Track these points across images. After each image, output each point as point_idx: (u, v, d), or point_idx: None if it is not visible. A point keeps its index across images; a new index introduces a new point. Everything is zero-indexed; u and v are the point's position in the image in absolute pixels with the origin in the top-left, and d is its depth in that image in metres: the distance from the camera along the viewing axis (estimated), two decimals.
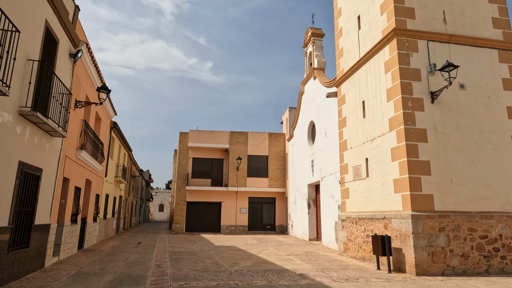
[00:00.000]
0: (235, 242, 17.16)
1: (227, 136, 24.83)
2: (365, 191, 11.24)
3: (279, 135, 25.47)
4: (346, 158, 12.73)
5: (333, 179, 14.62)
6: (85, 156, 11.68)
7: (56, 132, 8.32)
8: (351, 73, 12.66)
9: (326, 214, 15.34)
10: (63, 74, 9.16)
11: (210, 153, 25.20)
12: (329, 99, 15.47)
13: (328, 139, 15.43)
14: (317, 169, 16.83)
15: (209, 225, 24.20)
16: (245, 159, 24.56)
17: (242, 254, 12.20)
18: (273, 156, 25.04)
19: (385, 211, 9.90)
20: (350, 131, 12.53)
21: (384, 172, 10.12)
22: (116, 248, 13.93)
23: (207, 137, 24.63)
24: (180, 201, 23.89)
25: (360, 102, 11.95)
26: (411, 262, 8.56)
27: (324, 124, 15.97)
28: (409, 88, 9.68)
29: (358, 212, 11.48)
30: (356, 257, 11.27)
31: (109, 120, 16.89)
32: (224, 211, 24.16)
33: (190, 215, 24.09)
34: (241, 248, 14.19)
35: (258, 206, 24.86)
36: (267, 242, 17.03)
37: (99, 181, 15.51)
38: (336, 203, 14.22)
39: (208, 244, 15.78)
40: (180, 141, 24.95)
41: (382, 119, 10.43)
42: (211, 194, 24.25)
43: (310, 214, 18.15)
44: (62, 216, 10.28)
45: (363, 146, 11.51)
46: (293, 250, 13.84)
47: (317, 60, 17.74)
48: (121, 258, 11.09)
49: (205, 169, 24.94)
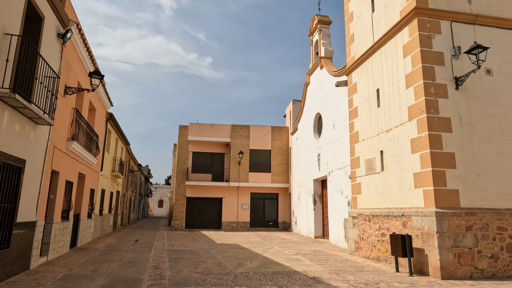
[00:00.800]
0: (238, 239, 16.36)
1: (228, 130, 23.96)
2: (379, 186, 10.40)
3: (282, 128, 24.60)
4: (357, 151, 11.89)
5: (342, 174, 13.79)
6: (77, 147, 10.82)
7: (42, 119, 7.45)
8: (364, 60, 11.77)
9: (334, 210, 14.52)
10: (50, 56, 8.27)
11: (211, 147, 24.34)
12: (338, 89, 14.59)
13: (337, 131, 14.57)
14: (324, 163, 15.99)
15: (209, 221, 23.40)
16: (247, 154, 23.72)
17: (246, 254, 11.39)
18: (276, 150, 24.19)
19: (404, 207, 9.07)
20: (362, 122, 11.67)
21: (403, 165, 9.27)
22: (111, 246, 13.11)
23: (208, 130, 23.76)
24: (179, 197, 23.08)
25: (374, 90, 11.08)
26: (435, 264, 7.74)
27: (332, 116, 15.10)
28: (432, 73, 8.80)
29: (372, 209, 10.66)
30: (370, 257, 10.46)
31: (104, 111, 16.01)
32: (225, 207, 23.36)
33: (190, 211, 23.29)
34: (244, 247, 13.38)
35: (260, 202, 24.06)
36: (271, 240, 16.24)
37: (94, 176, 14.67)
38: (345, 199, 13.39)
39: (209, 242, 14.97)
40: (179, 134, 24.08)
41: (400, 108, 9.56)
42: (211, 190, 23.43)
43: (316, 210, 17.34)
44: (51, 212, 9.44)
45: (378, 137, 10.66)
46: (299, 248, 13.03)
47: (324, 48, 16.83)
48: (116, 257, 10.27)
49: (205, 163, 24.09)
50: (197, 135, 23.51)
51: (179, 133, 24.10)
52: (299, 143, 20.57)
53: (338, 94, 14.50)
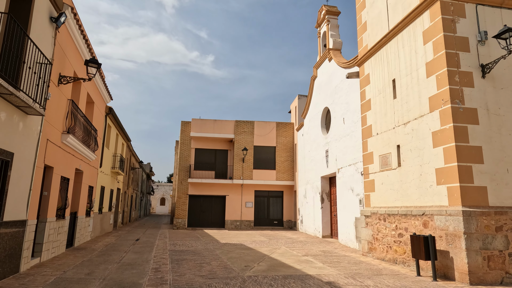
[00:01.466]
0: (242, 239, 15.72)
1: (232, 126, 23.29)
2: (396, 183, 9.72)
3: (287, 124, 23.90)
4: (370, 146, 11.19)
5: (353, 170, 13.10)
6: (74, 141, 10.18)
7: (31, 109, 6.81)
8: (378, 49, 11.06)
9: (343, 209, 13.84)
10: (41, 40, 7.61)
11: (214, 143, 23.67)
12: (348, 82, 13.88)
13: (347, 126, 13.87)
14: (333, 160, 15.30)
15: (212, 220, 22.77)
16: (251, 150, 23.04)
17: (252, 254, 10.74)
18: (281, 147, 23.51)
19: (425, 206, 8.38)
20: (376, 115, 10.97)
21: (423, 160, 8.58)
22: (111, 246, 12.50)
23: (211, 126, 23.09)
24: (182, 195, 22.45)
25: (389, 81, 10.37)
26: (462, 268, 7.06)
27: (342, 110, 14.40)
28: (456, 60, 8.09)
29: (387, 208, 9.97)
30: (385, 259, 9.79)
31: (103, 105, 15.37)
32: (229, 205, 22.71)
33: (193, 209, 22.66)
34: (250, 247, 12.74)
35: (265, 200, 23.40)
36: (277, 239, 15.58)
37: (92, 172, 14.04)
38: (356, 197, 12.71)
39: (213, 242, 14.34)
40: (182, 130, 23.43)
41: (420, 99, 8.86)
42: (214, 187, 22.78)
43: (324, 209, 16.66)
44: (44, 210, 8.81)
45: (394, 131, 9.96)
46: (308, 249, 12.37)
47: (333, 40, 16.11)
48: (115, 258, 9.64)
49: (208, 160, 23.44)
50: (199, 131, 22.86)
51: (182, 129, 23.46)
52: (306, 139, 19.88)
53: (348, 86, 13.79)
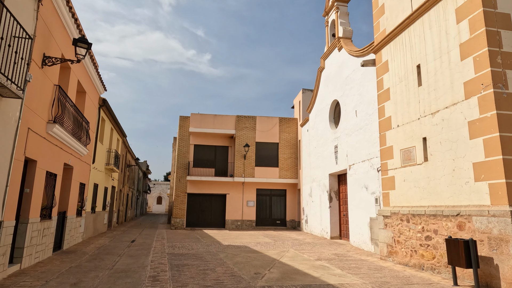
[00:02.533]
0: (245, 240, 14.69)
1: (233, 121, 22.23)
2: (421, 179, 8.72)
3: (291, 120, 22.88)
4: (389, 139, 10.20)
5: (367, 167, 12.10)
6: (61, 132, 9.09)
7: (7, 90, 5.73)
8: (398, 33, 10.06)
9: (356, 208, 12.85)
10: (21, 12, 6.53)
11: (214, 139, 22.61)
12: (361, 72, 12.87)
13: (360, 119, 12.87)
14: (343, 156, 14.30)
15: (212, 219, 21.72)
16: (253, 147, 22.01)
17: (260, 259, 9.72)
18: (284, 143, 22.49)
19: (459, 205, 7.39)
20: (397, 105, 9.98)
21: (457, 153, 7.59)
22: (104, 249, 11.43)
23: (211, 121, 22.02)
24: (180, 193, 21.38)
25: (412, 67, 9.37)
26: (510, 277, 6.08)
27: (354, 102, 13.39)
28: (497, 39, 7.10)
29: (411, 207, 8.98)
30: (409, 264, 8.80)
31: (97, 96, 14.26)
32: (229, 204, 21.68)
33: (192, 208, 21.60)
34: (256, 249, 11.72)
35: (267, 199, 22.38)
36: (283, 241, 14.58)
37: (84, 168, 12.94)
38: (371, 195, 11.72)
39: (215, 243, 13.30)
40: (180, 126, 22.35)
41: (452, 84, 7.86)
42: (214, 185, 21.73)
43: (332, 208, 15.67)
44: (26, 210, 7.72)
45: (418, 122, 8.97)
46: (319, 252, 11.37)
47: (343, 28, 15.09)
48: (107, 264, 8.58)
49: (208, 157, 22.38)
50: (199, 127, 21.79)
51: (180, 124, 22.37)
52: (311, 134, 18.87)
53: (362, 76, 12.79)
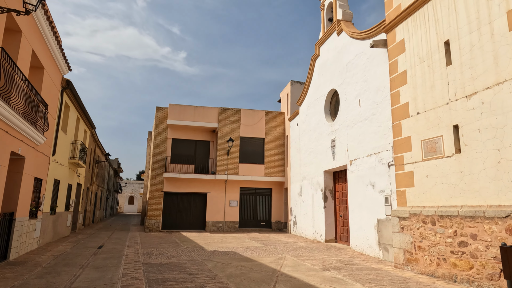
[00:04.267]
0: (232, 244, 12.99)
1: (216, 114, 20.43)
2: (451, 175, 7.40)
3: (278, 114, 21.37)
4: (406, 129, 8.86)
5: (374, 162, 10.74)
6: (5, 111, 7.04)
7: None
8: (418, 7, 8.73)
9: (359, 208, 11.48)
10: None
11: (194, 133, 20.71)
12: (366, 56, 11.52)
13: (364, 108, 11.51)
14: (342, 150, 12.91)
15: (191, 221, 19.80)
16: (237, 142, 20.30)
17: (257, 269, 8.07)
18: (270, 138, 20.94)
19: (508, 205, 6.09)
20: (416, 90, 8.64)
21: (503, 143, 6.29)
22: (63, 258, 9.38)
23: (191, 113, 20.11)
24: (156, 192, 19.32)
25: (439, 44, 8.06)
26: None
27: (357, 90, 12.03)
28: None
29: (437, 207, 7.64)
30: (435, 275, 7.45)
31: (59, 76, 12.08)
32: (211, 204, 19.86)
33: (168, 208, 19.59)
34: (247, 256, 10.06)
35: (251, 199, 20.74)
36: (273, 245, 13.00)
37: (41, 160, 10.78)
38: (380, 194, 10.36)
39: (197, 249, 11.51)
40: (157, 118, 20.28)
41: (496, 60, 6.57)
42: (194, 183, 19.84)
43: (327, 208, 14.26)
44: None
45: (447, 107, 7.65)
46: (320, 259, 9.87)
47: (342, 10, 13.73)
48: (64, 280, 6.65)
49: (187, 152, 20.45)
50: (178, 119, 19.82)
51: (157, 116, 20.30)
52: (302, 129, 17.43)
53: (368, 61, 11.44)
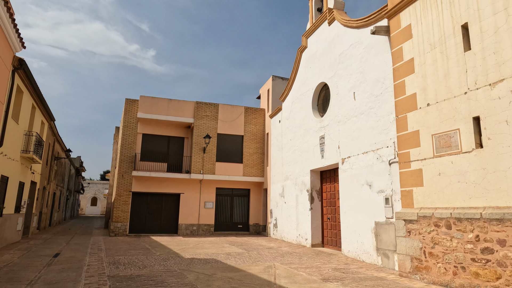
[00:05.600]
0: (210, 250, 11.66)
1: (191, 108, 18.96)
2: (471, 172, 6.60)
3: (258, 110, 20.24)
4: (414, 122, 8.03)
5: (372, 159, 9.87)
6: None
7: None
8: None
9: (352, 210, 10.57)
10: None
11: (168, 128, 19.10)
12: (364, 45, 10.68)
13: (360, 102, 10.64)
14: (332, 148, 11.99)
15: (162, 224, 18.16)
16: (214, 139, 18.94)
17: (248, 281, 6.84)
18: (249, 136, 19.75)
19: None
20: (426, 79, 7.83)
21: None
22: (7, 271, 7.65)
23: (164, 107, 18.51)
24: (123, 192, 17.51)
25: (454, 27, 7.27)
26: None
27: (352, 82, 11.15)
28: None
29: (454, 209, 6.81)
30: (451, 286, 6.59)
31: (9, 54, 10.21)
32: (184, 205, 18.32)
33: (137, 210, 17.84)
34: (231, 264, 8.80)
35: (228, 200, 19.43)
36: (257, 250, 11.82)
37: None
38: (378, 194, 9.48)
39: (172, 256, 10.09)
40: (126, 111, 18.47)
41: None
42: (167, 183, 18.23)
43: (313, 210, 13.29)
44: None
45: (465, 97, 6.86)
46: (314, 266, 8.81)
47: None
48: None
49: (159, 149, 18.80)
50: (150, 112, 18.16)
51: (126, 109, 18.49)
52: (285, 126, 16.40)
53: (365, 51, 10.59)
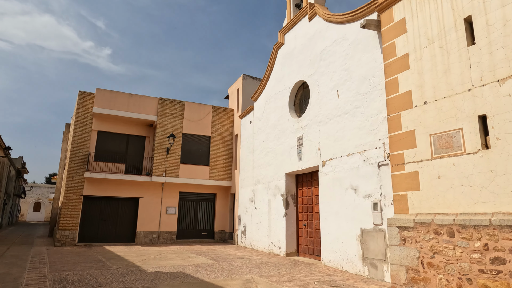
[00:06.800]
0: (175, 261, 10.33)
1: (155, 105, 17.43)
2: (476, 175, 6.09)
3: (227, 110, 19.16)
4: (408, 121, 7.48)
5: (358, 161, 9.23)
6: None
7: None
8: None
9: (335, 216, 9.85)
10: None
11: (127, 126, 17.38)
12: (349, 41, 10.12)
13: (344, 101, 10.02)
14: (312, 150, 11.27)
15: (118, 231, 16.33)
16: (179, 139, 17.54)
17: None
18: (217, 137, 18.58)
19: None
20: (423, 75, 7.33)
21: None
22: None
23: (124, 102, 16.81)
24: (73, 195, 15.49)
25: (456, 20, 6.84)
26: None
27: (335, 81, 10.53)
28: None
29: (457, 214, 6.27)
30: None
31: None
32: (143, 211, 16.66)
33: (89, 216, 15.88)
34: (203, 279, 7.62)
35: (192, 205, 18.05)
36: (228, 261, 10.69)
37: None
38: (365, 199, 8.83)
39: (133, 270, 8.66)
40: (79, 105, 16.50)
41: None
42: (124, 186, 16.48)
43: (288, 216, 12.45)
44: None
45: (469, 95, 6.39)
46: (297, 279, 7.90)
47: None
48: None
49: (117, 149, 17.01)
50: (107, 107, 16.36)
51: (79, 102, 16.52)
52: (257, 126, 15.50)
53: (350, 47, 10.01)
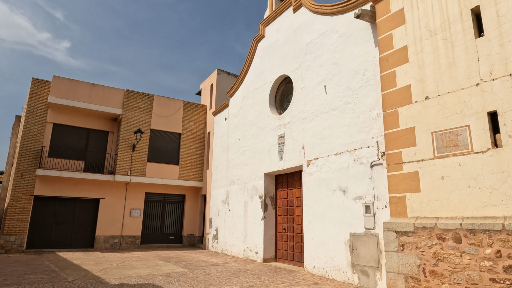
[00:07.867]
0: (142, 270, 9.14)
1: (120, 97, 15.96)
2: (486, 176, 5.65)
3: (199, 106, 18.05)
4: (407, 118, 6.98)
5: (348, 161, 8.64)
6: None
7: None
8: None
9: (320, 220, 9.18)
10: None
11: (88, 119, 15.74)
12: (339, 33, 9.54)
13: (332, 96, 9.42)
14: (295, 148, 10.57)
15: (74, 236, 14.65)
16: (146, 135, 16.18)
17: None
18: (188, 135, 17.42)
19: None
20: (425, 69, 6.86)
21: None
22: None
23: (85, 93, 15.20)
24: (21, 196, 13.65)
25: (461, 12, 6.42)
26: None
27: (322, 75, 9.90)
28: None
29: (464, 218, 5.79)
30: None
31: None
32: (104, 213, 15.11)
33: (40, 219, 14.09)
34: None
35: (159, 207, 16.73)
36: (202, 269, 9.68)
37: None
38: (356, 201, 8.23)
39: (92, 282, 7.42)
40: (32, 93, 14.66)
41: None
42: (83, 186, 14.85)
43: (267, 220, 11.65)
44: None
45: (477, 89, 5.96)
46: None
47: None
48: None
49: (76, 144, 15.34)
50: (65, 97, 14.69)
51: (32, 91, 14.69)
52: (233, 124, 14.59)
53: (340, 40, 9.44)
